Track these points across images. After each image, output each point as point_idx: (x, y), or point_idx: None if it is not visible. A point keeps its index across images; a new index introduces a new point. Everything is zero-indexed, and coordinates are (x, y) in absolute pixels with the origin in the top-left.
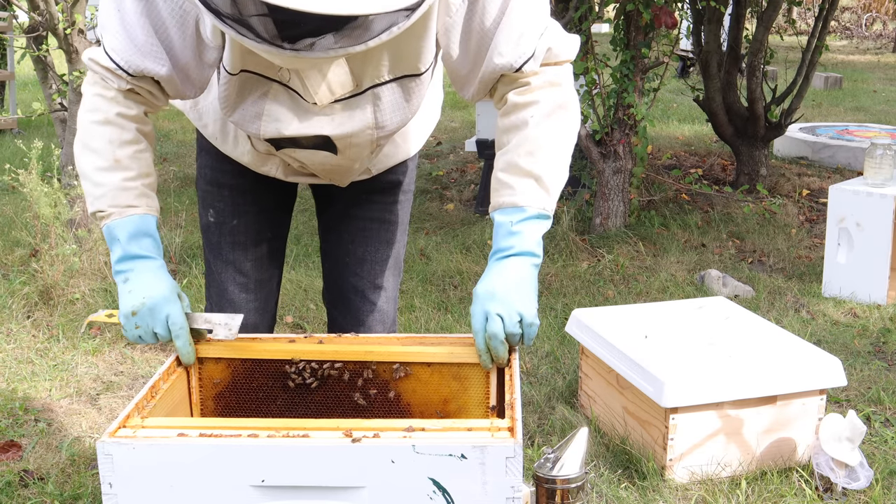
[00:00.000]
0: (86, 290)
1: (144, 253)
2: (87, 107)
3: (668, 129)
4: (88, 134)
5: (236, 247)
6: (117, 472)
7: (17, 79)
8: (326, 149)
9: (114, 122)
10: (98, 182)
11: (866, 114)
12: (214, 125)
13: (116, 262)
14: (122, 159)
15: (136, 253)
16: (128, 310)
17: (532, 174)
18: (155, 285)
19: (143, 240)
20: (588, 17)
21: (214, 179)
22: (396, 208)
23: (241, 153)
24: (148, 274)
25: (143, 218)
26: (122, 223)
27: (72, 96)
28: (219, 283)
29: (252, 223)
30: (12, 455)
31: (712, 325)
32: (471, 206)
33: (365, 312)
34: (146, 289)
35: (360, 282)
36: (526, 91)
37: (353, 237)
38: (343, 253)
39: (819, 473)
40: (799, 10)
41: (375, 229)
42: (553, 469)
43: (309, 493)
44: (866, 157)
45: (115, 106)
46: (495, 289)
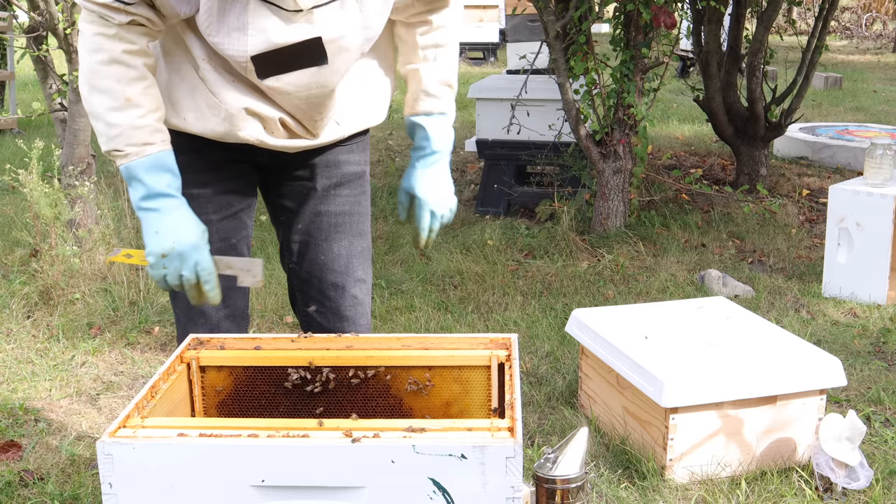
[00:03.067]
0: (86, 291)
1: (168, 191)
2: (89, 47)
3: (668, 129)
4: (95, 74)
5: None
6: (117, 472)
7: (17, 79)
8: (315, 62)
9: (120, 61)
10: (111, 122)
11: (866, 114)
12: (186, 99)
13: (141, 199)
14: (132, 97)
15: (160, 191)
16: (157, 251)
17: (450, 84)
18: (184, 229)
19: (164, 175)
20: (588, 17)
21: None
22: (363, 199)
23: (216, 123)
24: (175, 215)
25: (160, 154)
26: (141, 162)
27: (72, 96)
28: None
29: (215, 231)
30: (12, 455)
31: (712, 325)
32: (471, 206)
33: (347, 307)
34: (176, 232)
35: (339, 277)
36: (445, 13)
37: (328, 234)
38: (317, 252)
39: (819, 473)
40: (799, 10)
41: (347, 223)
42: (553, 469)
43: (309, 494)
44: (866, 157)
45: (119, 43)
46: (437, 192)
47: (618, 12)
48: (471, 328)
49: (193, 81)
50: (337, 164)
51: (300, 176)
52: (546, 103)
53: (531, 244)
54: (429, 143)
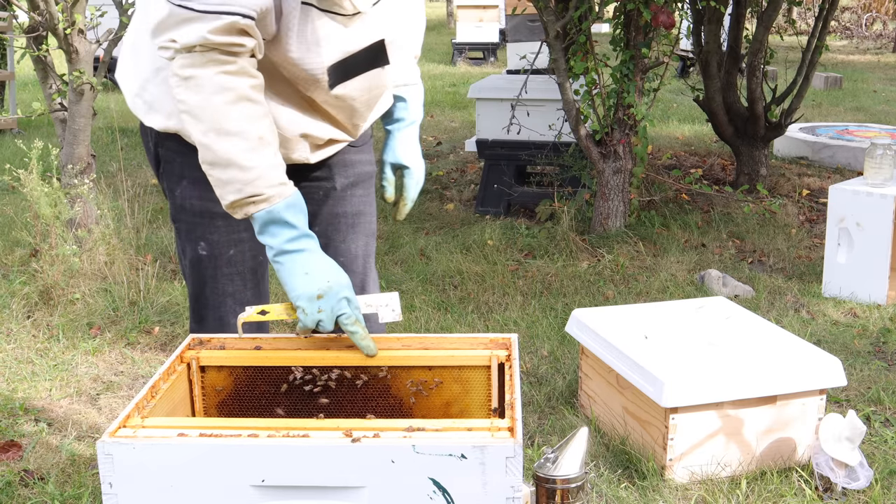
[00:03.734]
0: (86, 291)
1: (308, 231)
2: (211, 90)
3: (668, 129)
4: (223, 118)
5: (235, 277)
6: (117, 472)
7: (17, 79)
8: (378, 64)
9: (246, 97)
10: (247, 165)
11: (866, 114)
12: None
13: (285, 242)
14: (264, 135)
15: (304, 232)
16: (311, 292)
17: (417, 56)
18: (335, 270)
19: (300, 216)
20: (588, 17)
21: (204, 210)
22: (373, 199)
23: None
24: (321, 257)
25: (295, 193)
26: (284, 204)
27: (71, 96)
28: (218, 315)
29: (248, 249)
30: (12, 455)
31: (712, 325)
32: (471, 206)
33: None
34: (327, 272)
35: (358, 278)
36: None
37: (345, 235)
38: (336, 254)
39: (819, 473)
40: (799, 10)
41: (361, 223)
42: (553, 469)
43: (309, 493)
44: (866, 157)
45: (244, 79)
46: (419, 160)
47: (618, 12)
48: (471, 328)
49: None
50: (352, 163)
51: (318, 177)
52: (546, 103)
53: (531, 244)
54: (408, 111)
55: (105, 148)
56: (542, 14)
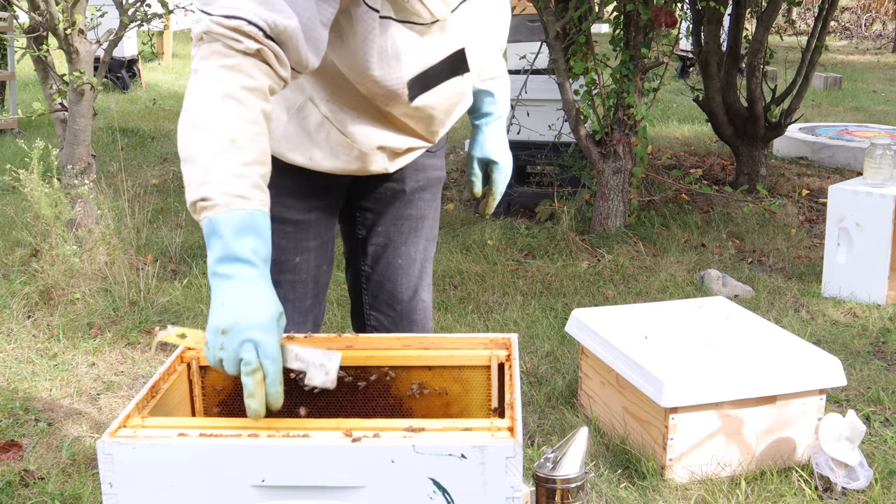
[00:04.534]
0: (86, 291)
1: (249, 257)
2: (205, 81)
3: (668, 129)
4: (202, 110)
5: (297, 285)
6: (117, 472)
7: (17, 79)
8: (458, 72)
9: (236, 97)
10: (207, 165)
11: (866, 114)
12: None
13: (215, 262)
14: (238, 139)
15: (239, 255)
16: (216, 326)
17: (503, 48)
18: (254, 305)
19: (250, 239)
20: (588, 17)
21: (277, 215)
22: (438, 203)
23: (347, 161)
24: (248, 288)
25: (253, 214)
26: (229, 216)
27: (72, 96)
28: None
29: (313, 258)
30: (12, 455)
31: (712, 325)
32: (471, 206)
33: (419, 311)
34: (242, 307)
35: (414, 281)
36: None
37: (406, 238)
38: (395, 255)
39: (819, 473)
40: (799, 10)
41: (424, 227)
42: (553, 469)
43: (309, 493)
44: (866, 157)
45: (238, 76)
46: (508, 154)
47: (618, 12)
48: (471, 328)
49: (317, 119)
50: (424, 167)
51: (390, 178)
52: (546, 103)
53: (531, 244)
54: (496, 106)
55: (105, 148)
56: (542, 14)
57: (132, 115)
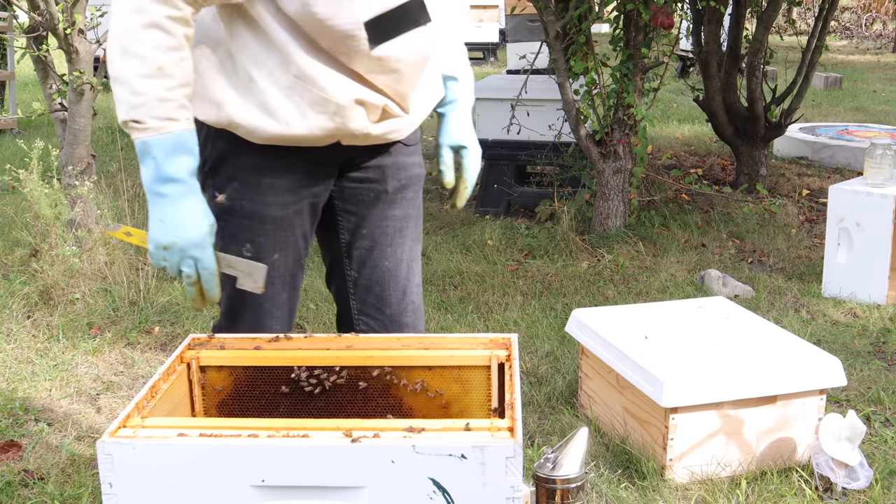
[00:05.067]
0: (86, 291)
1: (181, 176)
2: (129, 7)
3: (668, 129)
4: (131, 38)
5: (276, 281)
6: (117, 472)
7: (17, 79)
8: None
9: (160, 26)
10: (138, 90)
11: (866, 114)
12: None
13: (151, 181)
14: (165, 66)
15: (172, 175)
16: (158, 242)
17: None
18: (190, 223)
19: (182, 158)
20: (588, 17)
21: (254, 212)
22: (420, 202)
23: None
24: (183, 204)
25: (183, 133)
26: (161, 139)
27: (72, 96)
28: (254, 315)
29: (291, 254)
30: (12, 455)
31: (712, 325)
32: (471, 206)
33: (409, 314)
34: (180, 227)
35: (402, 282)
36: None
37: (392, 239)
38: (382, 258)
39: (819, 473)
40: (799, 10)
41: (408, 227)
42: (553, 469)
43: (309, 493)
44: (866, 157)
45: (162, 7)
46: (475, 139)
47: (618, 12)
48: (471, 328)
49: (289, 82)
50: (404, 166)
51: (370, 178)
52: (546, 103)
53: (531, 244)
54: (461, 90)
55: (105, 148)
56: (542, 14)
57: None
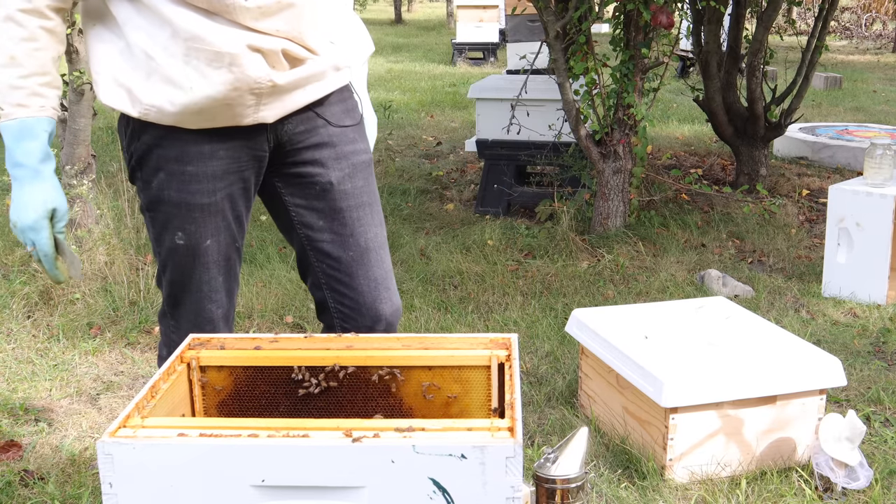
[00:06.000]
0: (86, 291)
1: (26, 161)
2: None
3: (668, 129)
4: None
5: (210, 266)
6: (117, 472)
7: None
8: None
9: (13, 19)
10: None
11: (866, 114)
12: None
13: (6, 164)
14: (17, 56)
15: (17, 160)
16: (11, 220)
17: None
18: (29, 207)
19: (28, 143)
20: (588, 17)
21: (181, 201)
22: (374, 186)
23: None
24: (27, 189)
25: (29, 120)
26: (9, 125)
27: (72, 96)
28: (194, 302)
29: (224, 239)
30: (12, 455)
31: (712, 325)
32: (471, 206)
33: (383, 301)
34: (21, 209)
35: (372, 271)
36: None
37: (352, 230)
38: (345, 248)
39: (819, 473)
40: (799, 10)
41: (366, 215)
42: (553, 469)
43: (309, 493)
44: (866, 157)
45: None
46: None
47: (618, 12)
48: (471, 328)
49: (183, 49)
50: (345, 155)
51: (310, 173)
52: (546, 103)
53: (531, 244)
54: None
55: (105, 148)
56: (542, 14)
57: None
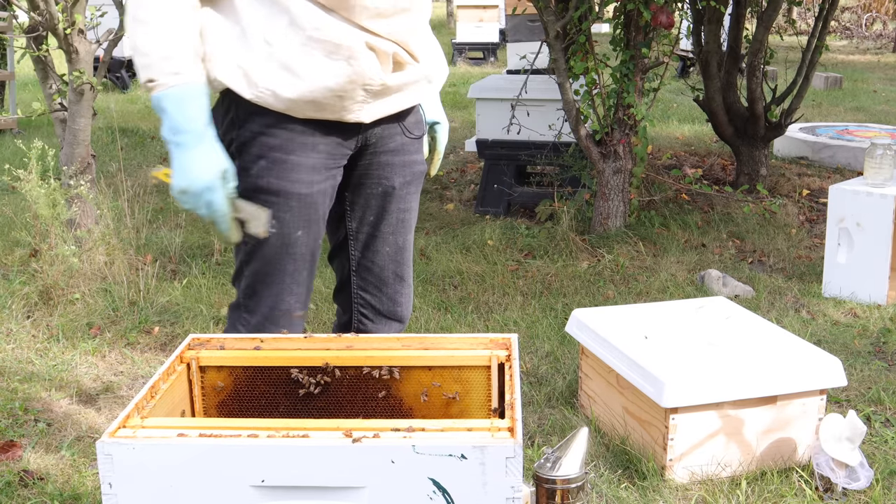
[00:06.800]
0: (86, 291)
1: (190, 126)
2: None
3: (668, 129)
4: (139, 7)
5: (297, 258)
6: (117, 472)
7: (17, 79)
8: None
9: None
10: (145, 51)
11: (866, 114)
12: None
13: (167, 132)
14: (170, 27)
15: (181, 126)
16: (177, 188)
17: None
18: (201, 168)
19: (189, 109)
20: (588, 17)
21: (281, 189)
22: (419, 194)
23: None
24: (194, 153)
25: (188, 86)
26: (169, 93)
27: (71, 96)
28: (274, 294)
29: (313, 232)
30: (12, 455)
31: (712, 325)
32: (471, 206)
33: (403, 294)
34: (191, 171)
35: (400, 268)
36: None
37: (394, 228)
38: (384, 244)
39: (819, 473)
40: (799, 10)
41: (409, 219)
42: (553, 469)
43: (309, 494)
44: (866, 157)
45: None
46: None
47: (618, 12)
48: (471, 328)
49: (302, 39)
50: (410, 163)
51: (380, 175)
52: (546, 103)
53: (531, 244)
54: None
55: (105, 148)
56: (542, 14)
57: (132, 115)
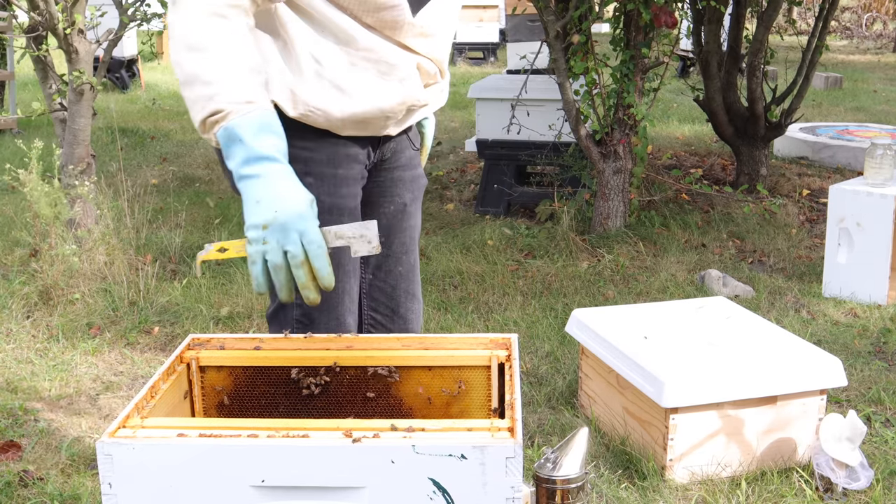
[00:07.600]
0: (85, 291)
1: (273, 154)
2: (188, 5)
3: (668, 129)
4: (192, 33)
5: (350, 275)
6: (117, 472)
7: (17, 79)
8: None
9: (222, 14)
10: (209, 80)
11: (866, 114)
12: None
13: (241, 164)
14: (232, 52)
15: (263, 154)
16: (257, 222)
17: None
18: (288, 196)
19: (269, 136)
20: (588, 16)
21: (333, 205)
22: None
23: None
24: (278, 182)
25: (265, 114)
26: (244, 121)
27: (71, 96)
28: (335, 314)
29: None
30: (12, 455)
31: (712, 325)
32: (471, 206)
33: (413, 311)
34: (278, 200)
35: (412, 286)
36: None
37: (407, 247)
38: (396, 264)
39: (819, 474)
40: (799, 10)
41: (416, 235)
42: (553, 469)
43: (309, 494)
44: (866, 157)
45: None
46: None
47: (618, 12)
48: (471, 328)
49: (353, 59)
50: (416, 178)
51: (392, 192)
52: (546, 103)
53: (531, 244)
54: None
55: (105, 148)
56: (542, 14)
57: (132, 115)
